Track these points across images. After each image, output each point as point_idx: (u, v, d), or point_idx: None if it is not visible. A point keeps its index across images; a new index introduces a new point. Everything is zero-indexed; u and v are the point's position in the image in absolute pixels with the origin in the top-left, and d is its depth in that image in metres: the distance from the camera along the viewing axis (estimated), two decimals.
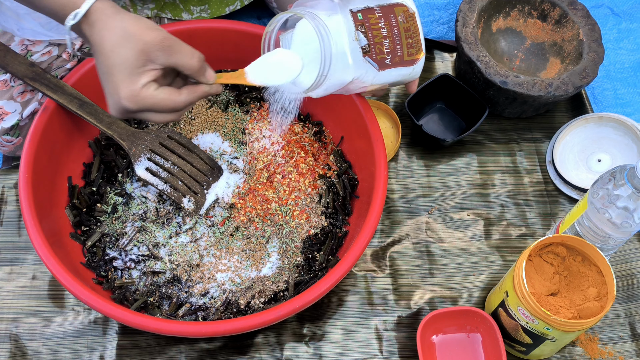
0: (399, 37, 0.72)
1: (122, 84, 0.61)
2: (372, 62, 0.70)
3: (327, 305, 0.88)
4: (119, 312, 0.71)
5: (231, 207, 0.87)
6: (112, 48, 0.61)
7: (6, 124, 0.87)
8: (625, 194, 0.74)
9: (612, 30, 1.15)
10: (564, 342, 0.78)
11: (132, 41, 0.61)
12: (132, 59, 0.61)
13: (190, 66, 0.65)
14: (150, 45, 0.62)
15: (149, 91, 0.62)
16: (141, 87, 0.62)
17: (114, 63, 0.61)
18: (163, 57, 0.63)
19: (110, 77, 0.62)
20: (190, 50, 0.65)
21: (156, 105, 0.63)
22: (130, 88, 0.62)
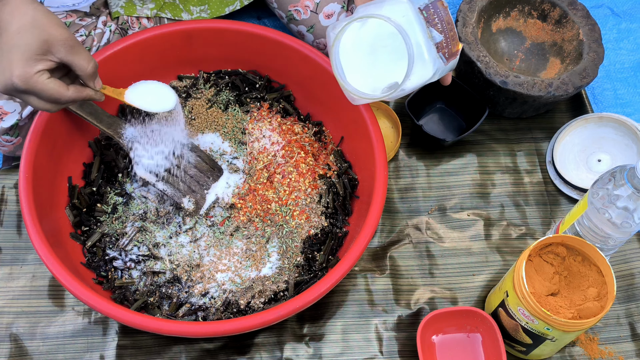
0: (448, 30, 0.72)
1: (18, 63, 0.65)
2: (442, 57, 0.71)
3: (327, 305, 0.88)
4: (119, 312, 0.71)
5: (231, 207, 0.87)
6: (19, 30, 0.65)
7: (5, 124, 0.87)
8: (625, 194, 0.74)
9: (612, 30, 1.15)
10: (564, 342, 0.78)
11: (39, 29, 0.65)
12: (35, 45, 0.65)
13: (84, 69, 0.69)
14: (54, 38, 0.66)
15: (41, 78, 0.66)
16: (35, 72, 0.65)
17: (16, 43, 0.65)
18: (63, 53, 0.67)
19: (8, 54, 0.65)
20: (88, 55, 0.69)
21: (43, 92, 0.67)
22: (25, 70, 0.65)
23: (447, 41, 0.72)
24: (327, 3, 0.98)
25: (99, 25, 0.94)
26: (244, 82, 0.97)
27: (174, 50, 0.93)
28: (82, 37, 0.92)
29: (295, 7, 0.99)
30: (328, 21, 0.99)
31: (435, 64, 0.71)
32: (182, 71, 0.97)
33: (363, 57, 0.77)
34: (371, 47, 0.77)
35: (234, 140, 0.92)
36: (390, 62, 0.76)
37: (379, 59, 0.77)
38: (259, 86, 0.97)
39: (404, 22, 0.69)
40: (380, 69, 0.77)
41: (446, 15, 0.73)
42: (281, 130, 0.93)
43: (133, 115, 0.86)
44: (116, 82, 0.92)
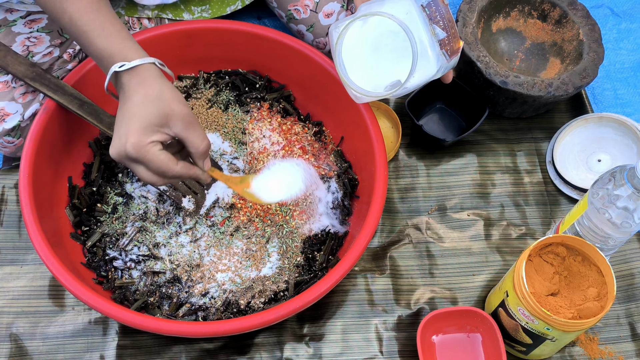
0: (449, 27, 0.73)
1: (135, 132, 0.66)
2: (445, 54, 0.71)
3: (327, 305, 0.88)
4: (119, 312, 0.71)
5: (231, 207, 0.87)
6: (143, 101, 0.67)
7: (7, 125, 0.87)
8: (625, 194, 0.74)
9: (612, 30, 1.15)
10: (564, 342, 0.78)
11: (162, 102, 0.67)
12: (154, 116, 0.67)
13: (197, 147, 0.70)
14: (174, 113, 0.67)
15: (153, 148, 0.67)
16: (149, 142, 0.67)
17: (137, 113, 0.66)
18: (179, 128, 0.68)
19: (128, 121, 0.67)
20: (203, 134, 0.71)
21: (152, 162, 0.68)
22: (141, 138, 0.66)
23: (449, 38, 0.72)
24: (326, 2, 0.98)
25: None
26: (244, 82, 0.97)
27: (174, 50, 0.93)
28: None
29: (294, 7, 0.99)
30: (328, 20, 0.99)
31: (438, 60, 0.71)
32: (182, 71, 0.97)
33: (366, 55, 0.77)
34: (374, 45, 0.77)
35: (234, 140, 0.92)
36: (393, 60, 0.76)
37: (382, 56, 0.77)
38: (259, 86, 0.97)
39: (407, 19, 0.69)
40: (383, 66, 0.77)
41: (447, 13, 0.73)
42: (281, 130, 0.93)
43: None
44: None
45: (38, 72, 0.83)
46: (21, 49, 0.88)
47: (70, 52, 0.91)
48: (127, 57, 0.68)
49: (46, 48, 0.90)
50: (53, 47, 0.90)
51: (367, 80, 0.77)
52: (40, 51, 0.89)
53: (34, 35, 0.89)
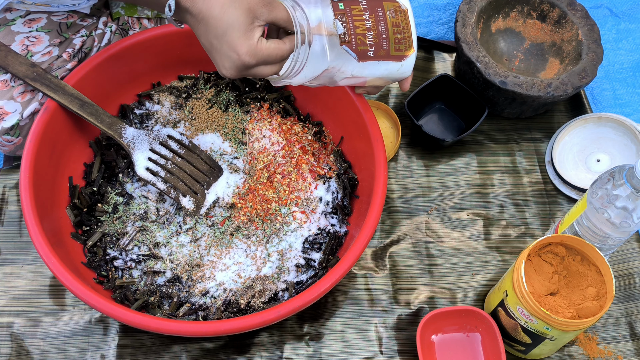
0: (386, 31, 0.72)
1: (239, 40, 0.66)
2: (350, 52, 0.71)
3: (327, 305, 0.89)
4: (120, 312, 0.71)
5: (231, 207, 0.88)
6: (223, 10, 0.66)
7: (6, 124, 0.87)
8: (624, 194, 0.74)
9: (611, 30, 1.15)
10: (563, 342, 0.78)
11: (237, 2, 0.66)
12: (243, 17, 0.66)
13: (287, 18, 0.69)
14: (254, 4, 0.67)
15: (263, 44, 0.67)
16: (257, 42, 0.67)
17: (227, 24, 0.66)
18: (266, 13, 0.68)
19: (225, 37, 0.67)
20: (283, 5, 0.70)
21: (270, 55, 0.68)
22: (248, 43, 0.66)
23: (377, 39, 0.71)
24: None
25: (99, 25, 0.95)
26: (244, 82, 0.97)
27: (174, 51, 0.93)
28: (83, 38, 0.92)
29: None
30: None
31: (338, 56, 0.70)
32: (183, 71, 0.97)
33: None
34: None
35: (234, 140, 0.92)
36: None
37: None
38: (259, 86, 0.97)
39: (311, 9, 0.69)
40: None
41: (395, 18, 0.72)
42: (281, 130, 0.93)
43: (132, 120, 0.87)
44: (117, 82, 0.92)
45: (39, 72, 0.83)
46: (20, 48, 0.88)
47: (70, 51, 0.91)
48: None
49: (45, 47, 0.90)
50: (52, 46, 0.90)
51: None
52: (39, 50, 0.89)
53: (33, 35, 0.89)
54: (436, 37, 1.14)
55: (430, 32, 1.14)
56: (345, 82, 0.75)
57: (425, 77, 1.08)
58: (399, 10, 0.73)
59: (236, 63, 0.67)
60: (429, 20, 1.14)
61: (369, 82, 0.77)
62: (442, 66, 1.10)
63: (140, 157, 0.85)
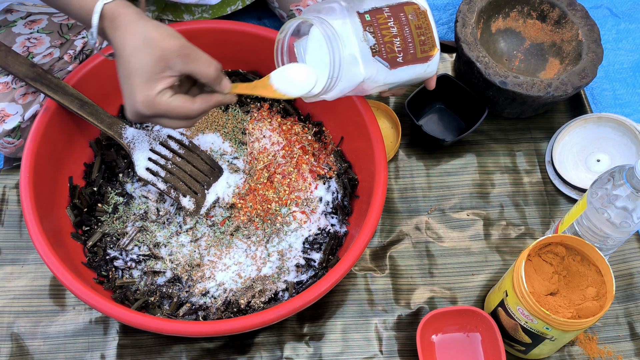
0: (411, 35, 0.72)
1: (138, 88, 0.63)
2: (382, 61, 0.71)
3: (327, 305, 0.89)
4: (120, 312, 0.71)
5: (231, 207, 0.88)
6: (132, 52, 0.63)
7: (8, 126, 0.87)
8: (624, 194, 0.74)
9: (611, 30, 1.15)
10: (563, 342, 0.78)
11: (151, 47, 0.63)
12: (151, 64, 0.63)
13: (207, 74, 0.66)
14: (168, 52, 0.63)
15: (163, 98, 0.64)
16: (156, 94, 0.63)
17: (133, 67, 0.63)
18: (180, 65, 0.64)
19: (128, 80, 0.63)
20: (207, 58, 0.66)
21: (170, 112, 0.65)
22: (146, 93, 0.63)
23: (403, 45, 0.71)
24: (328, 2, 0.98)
25: None
26: (244, 82, 0.97)
27: None
28: (84, 39, 0.92)
29: (297, 7, 1.00)
30: None
31: (369, 67, 0.70)
32: None
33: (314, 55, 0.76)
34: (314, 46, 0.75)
35: (234, 141, 0.92)
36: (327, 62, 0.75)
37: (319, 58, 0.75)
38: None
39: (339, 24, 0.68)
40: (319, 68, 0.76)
41: (417, 20, 0.72)
42: (281, 130, 0.93)
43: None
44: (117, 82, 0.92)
45: (39, 73, 0.83)
46: (21, 49, 0.88)
47: (71, 53, 0.91)
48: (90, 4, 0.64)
49: (46, 49, 0.90)
50: (53, 48, 0.90)
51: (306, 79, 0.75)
52: (40, 52, 0.89)
53: (34, 36, 0.89)
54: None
55: None
56: (375, 90, 0.75)
57: None
58: (419, 12, 0.74)
59: (133, 109, 0.64)
60: None
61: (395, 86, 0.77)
62: (442, 66, 1.10)
63: (140, 157, 0.85)
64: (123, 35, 0.64)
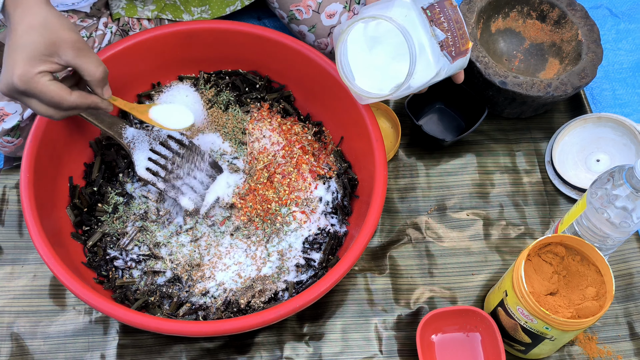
0: (455, 29, 0.74)
1: (21, 62, 0.63)
2: (447, 55, 0.72)
3: (327, 305, 0.89)
4: (120, 312, 0.71)
5: (231, 207, 0.88)
6: (27, 30, 0.64)
7: (7, 125, 0.87)
8: (624, 193, 0.74)
9: (611, 30, 1.15)
10: (562, 342, 0.78)
11: (47, 30, 0.64)
12: (41, 45, 0.63)
13: (93, 73, 0.67)
14: (62, 41, 0.64)
15: (42, 79, 0.64)
16: (36, 73, 0.64)
17: (22, 42, 0.63)
18: (70, 56, 0.65)
19: (13, 53, 0.64)
20: (98, 59, 0.67)
21: (43, 94, 0.65)
22: (27, 69, 0.63)
23: (453, 39, 0.73)
24: (329, 3, 0.98)
25: (99, 26, 0.95)
26: (244, 82, 0.98)
27: (174, 51, 0.93)
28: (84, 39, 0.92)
29: (297, 7, 1.00)
30: (330, 21, 0.99)
31: (439, 61, 0.72)
32: (183, 71, 0.97)
33: (368, 57, 0.78)
34: (376, 47, 0.77)
35: (234, 141, 0.92)
36: (395, 61, 0.77)
37: (384, 58, 0.78)
38: (259, 86, 0.97)
39: (406, 21, 0.70)
40: (385, 68, 0.78)
41: (454, 14, 0.73)
42: (281, 130, 0.93)
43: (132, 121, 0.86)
44: (117, 83, 0.92)
45: None
46: None
47: None
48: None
49: None
50: None
51: (369, 81, 0.78)
52: None
53: None
54: None
55: None
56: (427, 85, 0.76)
57: None
58: (453, 7, 0.75)
59: (8, 80, 0.64)
60: None
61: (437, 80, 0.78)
62: None
63: (140, 157, 0.85)
64: (24, 12, 0.64)
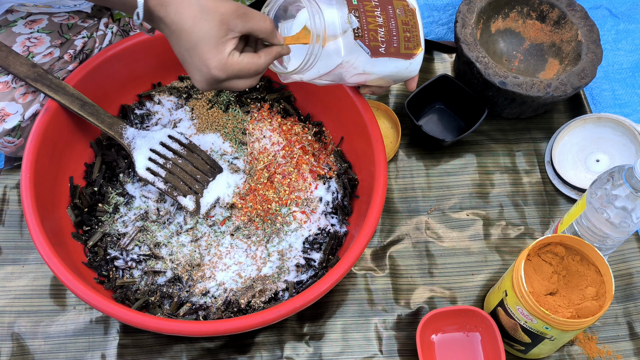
0: (396, 28, 0.72)
1: (209, 54, 0.65)
2: (364, 47, 0.71)
3: (327, 305, 0.89)
4: (121, 312, 0.71)
5: (232, 207, 0.88)
6: (194, 23, 0.64)
7: (8, 125, 0.87)
8: (624, 194, 0.74)
9: (611, 31, 1.15)
10: (562, 341, 0.78)
11: (210, 14, 0.64)
12: (215, 30, 0.64)
13: (264, 29, 0.68)
14: (227, 15, 0.65)
15: (234, 58, 0.66)
16: (228, 55, 0.65)
17: (198, 37, 0.64)
18: (241, 25, 0.66)
19: (195, 51, 0.65)
20: (261, 15, 0.68)
21: (242, 70, 0.66)
22: (219, 57, 0.65)
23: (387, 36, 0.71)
24: None
25: (100, 27, 0.95)
26: None
27: None
28: (84, 39, 0.92)
29: None
30: None
31: (349, 49, 0.70)
32: (183, 72, 0.97)
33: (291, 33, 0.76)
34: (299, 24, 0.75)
35: (235, 141, 0.93)
36: None
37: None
38: (259, 87, 0.97)
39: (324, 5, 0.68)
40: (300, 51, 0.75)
41: (405, 16, 0.73)
42: (281, 130, 0.93)
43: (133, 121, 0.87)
44: (117, 83, 0.92)
45: (39, 73, 0.83)
46: (21, 49, 0.88)
47: (71, 52, 0.91)
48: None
49: (46, 49, 0.90)
50: (53, 47, 0.90)
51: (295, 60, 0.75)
52: (40, 52, 0.89)
53: (34, 36, 0.89)
54: (436, 37, 1.14)
55: (430, 33, 1.14)
56: (354, 79, 0.74)
57: (425, 78, 1.08)
58: (407, 9, 0.74)
59: (206, 77, 0.66)
60: (429, 21, 1.14)
61: (375, 81, 0.77)
62: (442, 66, 1.11)
63: (140, 157, 0.85)
64: (177, 9, 0.65)
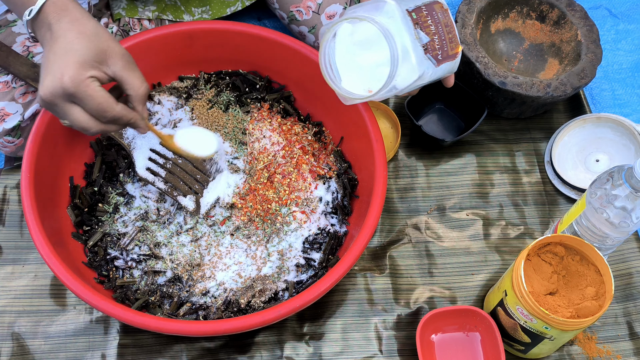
0: (444, 32, 0.73)
1: (73, 65, 0.62)
2: (431, 59, 0.71)
3: (327, 305, 0.89)
4: (121, 312, 0.71)
5: (232, 207, 0.88)
6: (78, 37, 0.63)
7: (8, 125, 0.87)
8: (623, 193, 0.74)
9: (610, 31, 1.15)
10: (562, 341, 0.78)
11: (98, 39, 0.64)
12: (92, 51, 0.63)
13: (137, 89, 0.67)
14: (113, 51, 0.64)
15: (93, 83, 0.63)
16: (88, 76, 0.63)
17: (74, 47, 0.63)
18: (118, 67, 0.65)
19: (62, 57, 0.63)
20: (142, 76, 0.68)
21: (91, 98, 0.63)
22: (79, 72, 0.62)
23: (440, 43, 0.73)
24: (329, 4, 0.98)
25: None
26: (244, 82, 0.98)
27: (175, 51, 0.93)
28: None
29: (297, 8, 1.00)
30: (330, 22, 0.99)
31: (422, 64, 0.71)
32: (183, 72, 0.97)
33: (355, 57, 0.77)
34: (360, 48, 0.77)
35: (235, 141, 0.93)
36: (379, 63, 0.76)
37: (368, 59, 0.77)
38: (259, 87, 0.97)
39: (390, 23, 0.69)
40: (371, 69, 0.77)
41: (444, 18, 0.73)
42: (281, 130, 0.93)
43: None
44: None
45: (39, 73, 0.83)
46: (21, 49, 0.88)
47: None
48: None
49: None
50: None
51: (355, 82, 0.77)
52: (40, 51, 0.89)
53: None
54: None
55: None
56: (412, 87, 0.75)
57: None
58: (444, 11, 0.74)
59: (55, 84, 0.62)
60: None
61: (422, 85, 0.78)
62: None
63: (140, 157, 0.85)
64: (71, 23, 0.64)
